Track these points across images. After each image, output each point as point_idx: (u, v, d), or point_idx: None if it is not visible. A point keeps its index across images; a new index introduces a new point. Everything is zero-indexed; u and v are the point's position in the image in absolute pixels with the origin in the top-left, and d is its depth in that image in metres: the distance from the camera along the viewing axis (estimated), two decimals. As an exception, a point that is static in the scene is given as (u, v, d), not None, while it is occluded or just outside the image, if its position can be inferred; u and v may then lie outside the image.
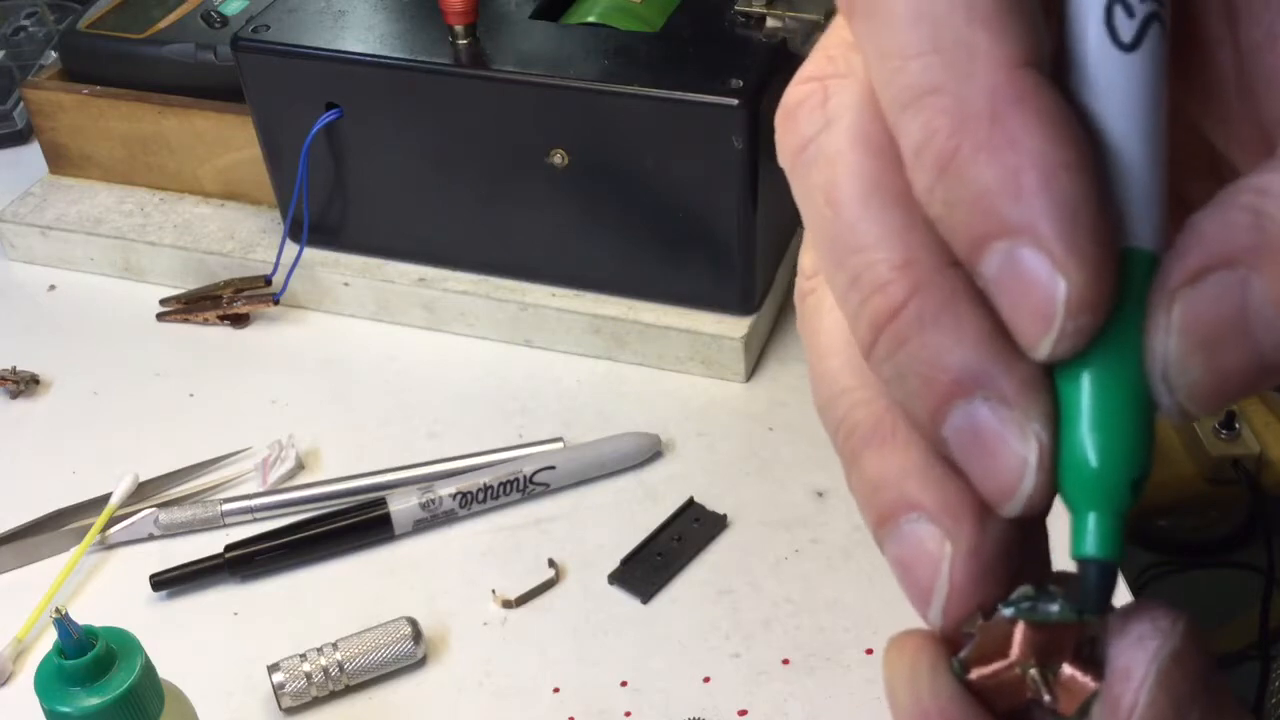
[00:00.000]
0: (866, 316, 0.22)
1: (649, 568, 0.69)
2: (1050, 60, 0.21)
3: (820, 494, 0.72)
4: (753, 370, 0.80)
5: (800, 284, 0.26)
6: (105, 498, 0.73)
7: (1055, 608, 0.22)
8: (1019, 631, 0.22)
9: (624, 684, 0.64)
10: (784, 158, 0.24)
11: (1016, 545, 0.22)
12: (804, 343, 0.25)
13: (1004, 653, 0.22)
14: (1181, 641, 0.21)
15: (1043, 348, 0.20)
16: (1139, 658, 0.21)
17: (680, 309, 0.79)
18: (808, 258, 0.25)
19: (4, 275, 0.92)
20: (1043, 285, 0.20)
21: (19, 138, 1.03)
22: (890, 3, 0.21)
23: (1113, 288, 0.20)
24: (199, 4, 0.92)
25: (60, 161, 0.94)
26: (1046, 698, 0.22)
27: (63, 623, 0.48)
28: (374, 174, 0.82)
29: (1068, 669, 0.22)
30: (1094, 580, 0.22)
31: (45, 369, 0.83)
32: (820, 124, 0.23)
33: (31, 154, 0.98)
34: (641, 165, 0.75)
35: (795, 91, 0.24)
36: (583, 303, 0.81)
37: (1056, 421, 0.21)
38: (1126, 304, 0.20)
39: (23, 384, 0.82)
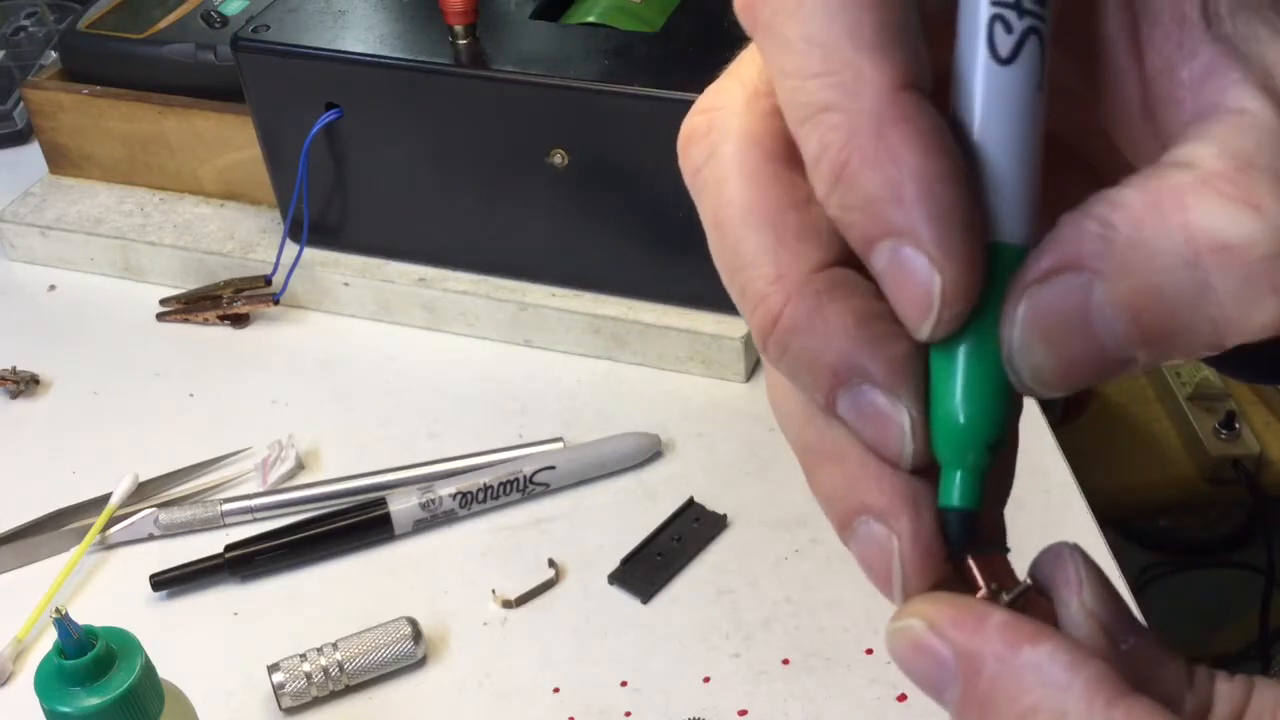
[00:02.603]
0: (755, 325, 0.25)
1: (649, 568, 0.69)
2: (930, 79, 0.23)
3: (820, 494, 0.72)
4: (753, 370, 0.80)
5: None
6: (105, 498, 0.73)
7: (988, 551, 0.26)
8: (973, 566, 0.25)
9: (624, 684, 0.64)
10: (686, 181, 0.27)
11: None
12: (765, 368, 0.28)
13: (975, 586, 0.25)
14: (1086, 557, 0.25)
15: (923, 331, 0.23)
16: (1059, 549, 0.25)
17: (680, 309, 0.79)
18: None
19: (4, 275, 0.92)
20: (922, 279, 0.23)
21: (19, 138, 1.03)
22: (786, 28, 0.23)
23: (980, 280, 0.23)
24: (199, 4, 0.92)
25: (60, 161, 0.94)
26: (1028, 580, 0.25)
27: (63, 623, 0.48)
28: (374, 174, 0.82)
29: (1027, 585, 0.25)
30: (956, 526, 0.25)
31: (45, 369, 0.83)
32: (706, 153, 0.26)
33: (31, 154, 0.98)
34: (641, 165, 0.75)
35: (688, 123, 0.27)
36: (583, 303, 0.81)
37: (924, 394, 0.24)
38: (995, 292, 0.23)
39: (23, 384, 0.82)
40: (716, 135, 0.26)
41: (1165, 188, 0.22)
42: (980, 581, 0.25)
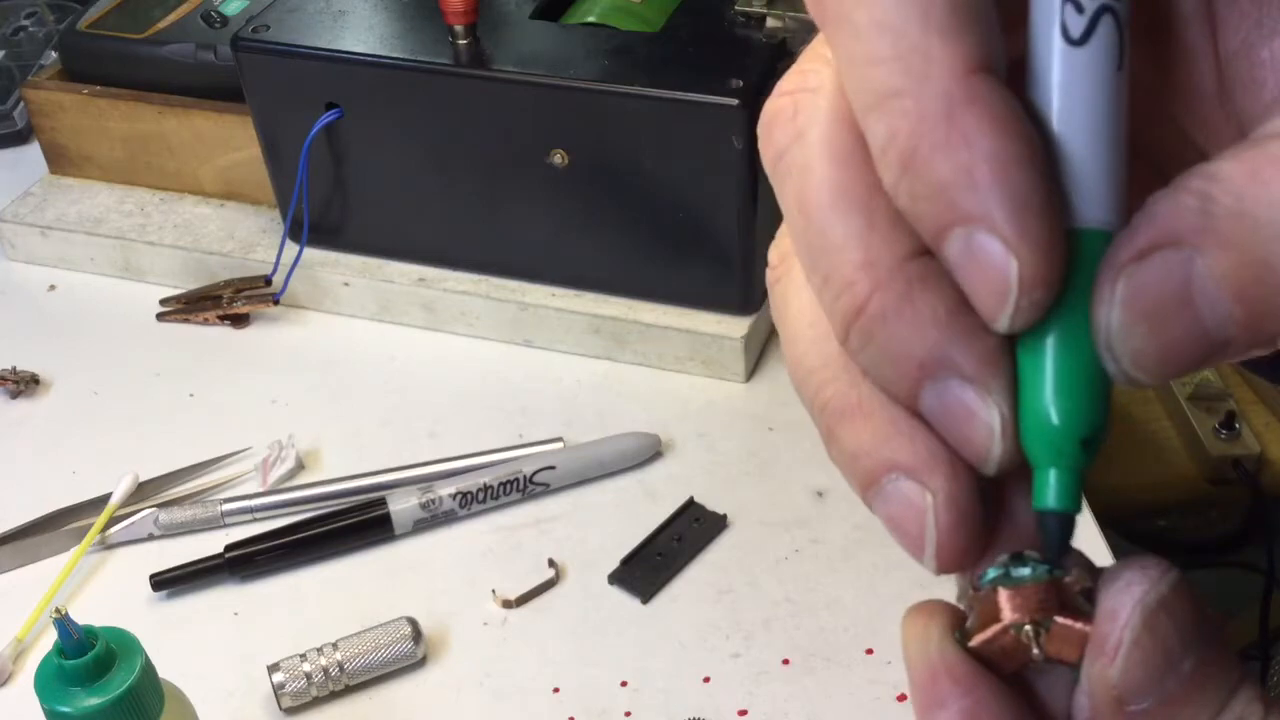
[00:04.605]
0: (839, 313, 0.24)
1: (649, 568, 0.69)
2: (1004, 62, 0.22)
3: (820, 494, 0.72)
4: (753, 370, 0.80)
5: (769, 274, 0.28)
6: (105, 498, 0.73)
7: (1027, 570, 0.24)
8: (1000, 596, 0.24)
9: (624, 684, 0.64)
10: (766, 166, 0.26)
11: (989, 488, 0.24)
12: (777, 327, 0.27)
13: (996, 618, 0.24)
14: (1170, 591, 0.23)
15: (1002, 321, 0.22)
16: (1124, 600, 0.23)
17: (680, 309, 0.79)
18: (775, 251, 0.28)
19: (4, 275, 0.92)
20: (998, 266, 0.22)
21: (19, 138, 1.03)
22: (855, 13, 0.22)
23: (1061, 266, 0.22)
24: (199, 4, 0.92)
25: (60, 161, 0.94)
26: (1035, 651, 0.24)
27: (63, 623, 0.48)
28: (374, 174, 0.82)
29: (1060, 619, 0.24)
30: (1053, 530, 0.24)
31: (45, 369, 0.83)
32: (792, 136, 0.25)
33: (31, 154, 0.98)
34: (641, 165, 0.75)
35: (771, 105, 0.26)
36: (583, 303, 0.81)
37: (1014, 390, 0.23)
38: (1081, 279, 0.22)
39: (23, 384, 0.82)
40: (804, 118, 0.25)
41: (1264, 157, 0.21)
42: (1004, 614, 0.24)
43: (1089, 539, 0.68)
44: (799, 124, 0.25)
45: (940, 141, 0.22)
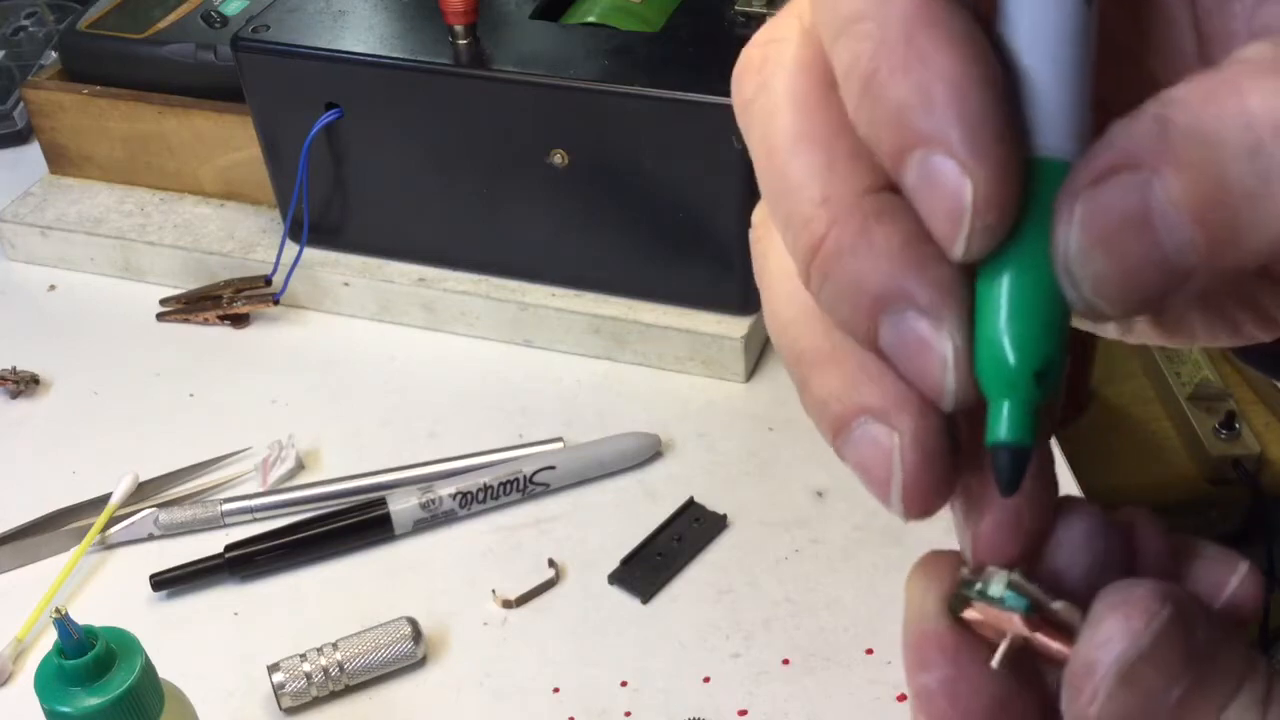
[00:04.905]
0: (799, 251, 0.24)
1: (649, 568, 0.69)
2: None
3: (820, 494, 0.72)
4: (753, 370, 0.80)
5: (750, 234, 0.28)
6: (105, 498, 0.73)
7: (998, 594, 0.24)
8: (975, 608, 0.24)
9: (624, 684, 0.64)
10: (737, 116, 0.26)
11: (955, 429, 0.24)
12: (759, 288, 0.27)
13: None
14: (1151, 643, 0.22)
15: (957, 247, 0.22)
16: (1101, 657, 0.22)
17: (680, 309, 0.79)
18: (758, 212, 0.27)
19: (4, 275, 0.92)
20: (952, 188, 0.21)
21: (19, 138, 1.03)
22: None
23: (1017, 189, 0.22)
24: (199, 4, 0.92)
25: (60, 161, 0.94)
26: (993, 664, 0.24)
27: (63, 623, 0.48)
28: (374, 174, 0.82)
29: (1040, 637, 0.24)
30: (1005, 464, 0.23)
31: (45, 369, 0.83)
32: (758, 86, 0.25)
33: (31, 154, 0.98)
34: (641, 165, 0.75)
35: (743, 57, 0.26)
36: (583, 303, 0.81)
37: (970, 322, 0.23)
38: (1040, 208, 0.22)
39: (23, 384, 0.82)
40: (770, 67, 0.25)
41: (1219, 79, 0.20)
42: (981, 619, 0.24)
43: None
44: (766, 73, 0.25)
45: (898, 63, 0.21)
